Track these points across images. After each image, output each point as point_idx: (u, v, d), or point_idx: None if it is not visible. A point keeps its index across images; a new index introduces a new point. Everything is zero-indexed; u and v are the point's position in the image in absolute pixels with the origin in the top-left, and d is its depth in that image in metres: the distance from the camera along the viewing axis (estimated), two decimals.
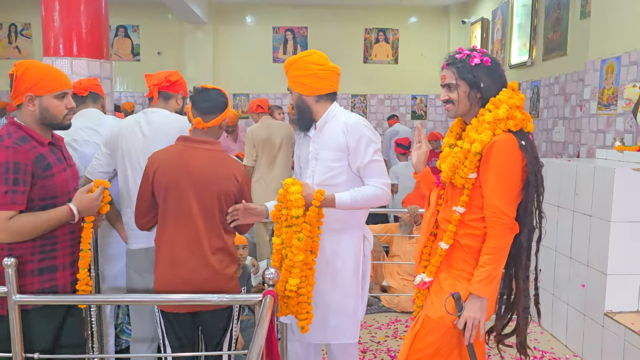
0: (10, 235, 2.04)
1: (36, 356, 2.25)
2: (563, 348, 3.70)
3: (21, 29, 9.46)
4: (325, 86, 2.43)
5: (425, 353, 2.08)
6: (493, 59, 2.04)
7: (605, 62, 4.33)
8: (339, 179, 2.43)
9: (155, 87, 2.65)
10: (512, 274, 2.11)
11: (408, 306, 4.36)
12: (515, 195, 1.97)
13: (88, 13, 3.85)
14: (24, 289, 2.11)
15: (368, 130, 2.42)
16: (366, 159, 2.40)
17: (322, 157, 2.44)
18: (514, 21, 7.22)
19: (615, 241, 3.20)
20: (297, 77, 2.42)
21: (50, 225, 2.11)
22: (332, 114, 2.46)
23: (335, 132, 2.43)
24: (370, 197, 2.39)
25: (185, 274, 2.30)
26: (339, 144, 2.41)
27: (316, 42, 9.35)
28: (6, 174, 1.99)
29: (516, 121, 1.94)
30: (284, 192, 2.30)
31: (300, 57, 2.43)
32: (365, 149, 2.39)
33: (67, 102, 2.15)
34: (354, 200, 2.37)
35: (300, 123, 2.50)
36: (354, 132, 2.39)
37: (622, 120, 4.12)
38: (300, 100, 2.45)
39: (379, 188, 2.41)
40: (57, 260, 2.18)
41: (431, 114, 9.97)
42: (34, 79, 2.09)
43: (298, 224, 2.25)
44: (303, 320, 2.32)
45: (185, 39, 9.37)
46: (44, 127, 2.15)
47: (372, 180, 2.42)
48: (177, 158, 2.31)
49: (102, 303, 2.31)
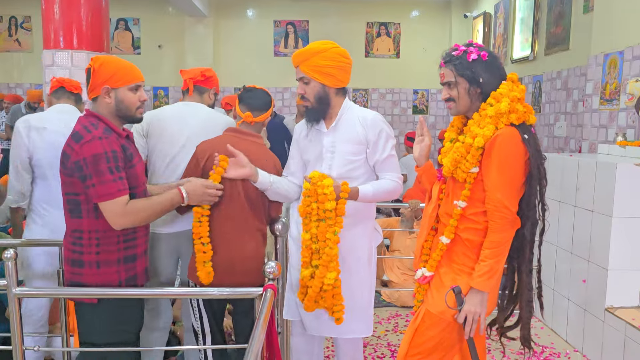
0: (131, 220, 2.11)
1: (36, 348, 2.26)
2: (563, 343, 3.70)
3: (21, 21, 9.44)
4: (346, 80, 2.47)
5: (426, 347, 2.08)
6: (490, 52, 2.03)
7: (608, 56, 4.31)
8: (357, 172, 2.43)
9: (190, 81, 2.80)
10: (514, 267, 2.10)
11: (408, 301, 4.36)
12: (518, 189, 1.96)
13: (88, 5, 3.84)
14: (110, 277, 2.15)
15: (386, 125, 2.47)
16: (385, 153, 2.44)
17: (340, 150, 2.44)
18: (517, 15, 7.19)
19: (617, 236, 3.19)
20: (324, 67, 2.38)
21: (163, 209, 2.22)
22: (346, 107, 2.48)
23: (353, 125, 2.44)
24: (389, 191, 2.44)
25: (235, 252, 2.46)
26: (359, 137, 2.42)
27: (317, 36, 9.30)
28: (108, 163, 2.05)
29: (518, 114, 1.93)
30: (313, 185, 2.27)
31: (329, 47, 2.40)
32: (384, 144, 2.43)
33: (140, 95, 2.22)
34: (375, 193, 2.39)
35: (315, 114, 2.46)
36: (374, 126, 2.42)
37: (624, 116, 4.11)
38: (323, 91, 2.42)
39: (396, 182, 2.47)
40: (137, 249, 2.25)
41: (432, 109, 9.94)
42: (111, 72, 2.15)
43: (332, 217, 2.25)
44: (338, 312, 2.34)
45: (186, 32, 9.34)
46: (118, 119, 2.21)
47: (389, 174, 2.46)
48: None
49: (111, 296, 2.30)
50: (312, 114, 2.46)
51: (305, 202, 2.31)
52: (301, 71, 2.42)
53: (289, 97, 9.53)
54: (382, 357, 3.50)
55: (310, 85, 2.42)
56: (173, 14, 9.46)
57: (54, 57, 3.84)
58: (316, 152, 2.50)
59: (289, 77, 10.41)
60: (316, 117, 2.46)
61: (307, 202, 2.30)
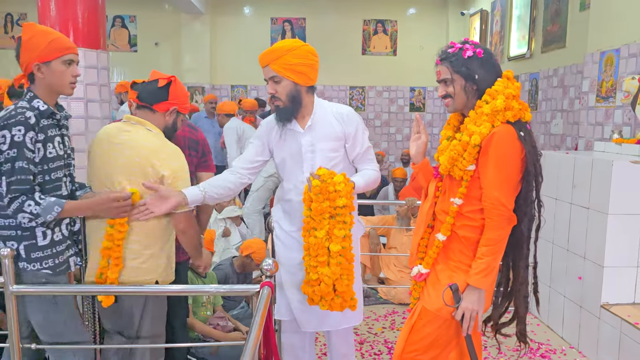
0: None
1: (33, 346, 2.26)
2: (559, 340, 3.72)
3: (17, 18, 9.40)
4: (316, 78, 2.47)
5: (422, 344, 2.08)
6: (486, 49, 2.03)
7: (604, 54, 4.32)
8: (338, 168, 2.43)
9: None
10: (509, 263, 2.11)
11: (405, 298, 4.37)
12: (514, 186, 1.97)
13: (84, 3, 3.82)
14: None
15: (359, 117, 2.55)
16: (365, 145, 2.51)
17: (321, 149, 2.44)
18: (513, 13, 7.20)
19: (612, 234, 3.20)
20: (296, 65, 2.36)
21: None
22: (317, 105, 2.48)
23: (329, 122, 2.45)
24: (375, 180, 2.52)
25: None
26: (336, 133, 2.44)
27: (314, 34, 9.30)
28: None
29: (514, 112, 1.94)
30: (323, 183, 2.21)
31: (299, 45, 2.39)
32: (362, 136, 2.50)
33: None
34: (365, 183, 2.44)
35: (286, 113, 2.42)
36: (351, 121, 2.47)
37: (620, 113, 4.12)
38: (295, 90, 2.39)
39: (377, 172, 2.55)
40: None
41: (429, 106, 9.95)
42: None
43: (344, 213, 2.23)
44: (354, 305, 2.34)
45: (182, 29, 9.32)
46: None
47: (370, 164, 2.54)
48: None
49: (96, 293, 2.31)
50: (283, 113, 2.43)
51: (316, 200, 2.24)
52: (272, 70, 2.37)
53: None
54: (379, 354, 3.51)
55: (281, 84, 2.38)
56: (169, 11, 9.44)
57: None
58: (292, 152, 2.48)
59: None
60: (288, 117, 2.44)
61: (318, 200, 2.23)
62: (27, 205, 2.03)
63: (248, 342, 1.57)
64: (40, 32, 2.15)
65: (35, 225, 2.12)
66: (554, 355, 3.48)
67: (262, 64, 2.40)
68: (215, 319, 3.48)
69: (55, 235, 2.20)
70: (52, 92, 2.18)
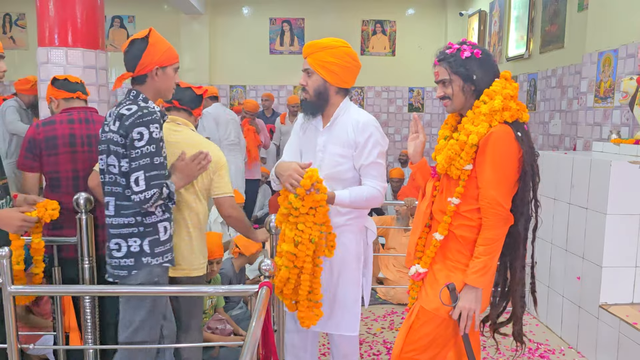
0: None
1: (31, 346, 2.26)
2: (558, 340, 3.72)
3: (15, 19, 9.39)
4: (350, 81, 2.45)
5: (421, 344, 2.09)
6: (484, 50, 2.04)
7: (602, 54, 4.32)
8: (346, 175, 2.42)
9: None
10: (507, 263, 2.11)
11: (404, 298, 4.37)
12: (511, 186, 1.98)
13: (83, 3, 3.82)
14: None
15: (377, 131, 2.41)
16: (370, 159, 2.39)
17: (330, 151, 2.43)
18: (512, 13, 7.20)
19: (611, 234, 3.20)
20: (329, 64, 2.37)
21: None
22: (344, 108, 2.46)
23: (346, 127, 2.42)
24: (368, 199, 2.38)
25: None
26: (348, 140, 2.41)
27: (313, 34, 9.29)
28: None
29: (511, 112, 1.95)
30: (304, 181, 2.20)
31: (339, 45, 2.40)
32: (371, 149, 2.39)
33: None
34: (353, 199, 2.34)
35: (311, 107, 2.44)
36: (364, 130, 2.39)
37: (618, 113, 4.12)
38: (323, 87, 2.41)
39: (377, 190, 2.39)
40: None
41: (428, 107, 9.95)
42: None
43: (303, 219, 2.21)
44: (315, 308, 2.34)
45: (181, 29, 9.30)
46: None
47: (371, 181, 2.40)
48: None
49: (96, 294, 2.31)
50: (308, 106, 2.45)
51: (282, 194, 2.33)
52: (307, 63, 2.42)
53: (284, 95, 9.51)
54: (378, 355, 3.51)
55: (312, 78, 2.41)
56: (168, 11, 9.43)
57: (48, 54, 3.82)
58: (309, 147, 2.51)
59: (285, 75, 10.39)
60: (312, 111, 2.45)
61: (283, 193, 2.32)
62: (164, 193, 2.18)
63: (247, 342, 1.57)
64: (161, 38, 2.29)
65: (157, 220, 2.26)
66: (552, 355, 3.49)
67: (303, 55, 2.45)
68: (214, 322, 3.47)
69: (171, 230, 2.34)
70: (158, 94, 2.32)
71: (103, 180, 2.27)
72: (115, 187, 2.22)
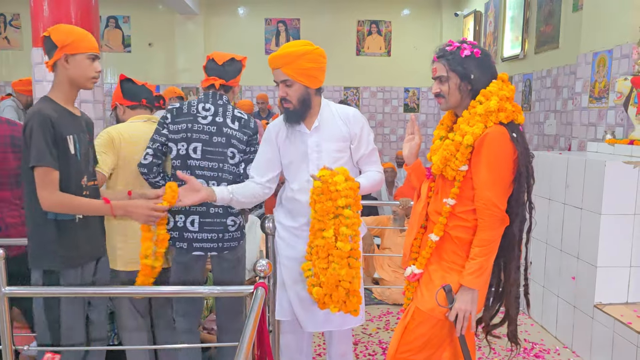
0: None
1: (26, 347, 2.25)
2: (553, 339, 3.73)
3: (10, 19, 9.35)
4: (324, 79, 2.47)
5: (416, 345, 2.09)
6: (483, 50, 2.04)
7: (597, 55, 4.34)
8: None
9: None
10: (501, 265, 2.11)
11: (399, 298, 4.37)
12: (506, 187, 1.98)
13: (78, 3, 3.80)
14: None
15: (365, 119, 2.54)
16: (370, 146, 2.52)
17: (326, 149, 2.45)
18: (507, 14, 7.22)
19: (606, 234, 3.22)
20: (309, 70, 2.36)
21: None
22: (324, 106, 2.49)
23: (335, 122, 2.45)
24: (377, 182, 2.52)
25: None
26: (342, 134, 2.45)
27: (308, 34, 9.29)
28: None
29: (507, 113, 1.95)
30: (324, 184, 2.21)
31: (312, 49, 2.37)
32: (367, 137, 2.51)
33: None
34: (370, 185, 2.45)
35: (296, 116, 2.44)
36: (356, 122, 2.48)
37: (613, 114, 4.14)
38: (306, 93, 2.40)
39: (381, 174, 2.54)
40: None
41: (423, 107, 9.96)
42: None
43: (349, 213, 2.21)
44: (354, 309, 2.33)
45: (176, 30, 9.29)
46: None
47: (374, 166, 2.53)
48: None
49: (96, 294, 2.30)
50: (294, 115, 2.43)
51: (319, 200, 2.23)
52: (283, 73, 2.36)
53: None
54: (374, 355, 3.51)
55: (293, 87, 2.39)
56: (163, 11, 9.41)
57: (43, 55, 3.81)
58: (299, 153, 2.48)
59: None
60: (297, 119, 2.44)
61: (321, 200, 2.23)
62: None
63: (242, 342, 1.57)
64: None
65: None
66: (547, 355, 3.50)
67: (272, 66, 2.39)
68: (209, 322, 3.46)
69: None
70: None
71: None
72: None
